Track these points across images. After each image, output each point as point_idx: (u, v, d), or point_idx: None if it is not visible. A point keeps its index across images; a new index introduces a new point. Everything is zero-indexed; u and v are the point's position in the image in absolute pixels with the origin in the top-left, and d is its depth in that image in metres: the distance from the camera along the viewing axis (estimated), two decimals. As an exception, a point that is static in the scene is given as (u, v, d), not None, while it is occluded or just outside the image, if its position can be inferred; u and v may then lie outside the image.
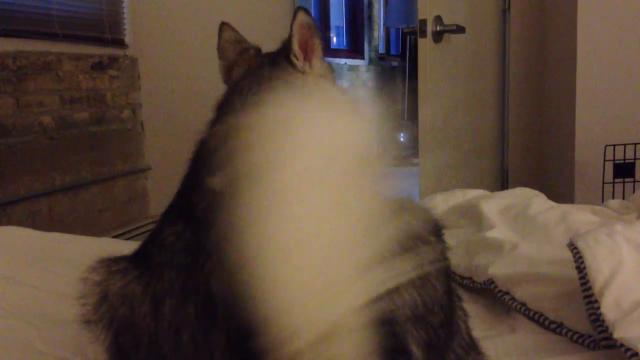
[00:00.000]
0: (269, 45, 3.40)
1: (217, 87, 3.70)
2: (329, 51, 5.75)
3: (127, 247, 1.51)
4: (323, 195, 0.57)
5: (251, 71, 1.01)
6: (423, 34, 2.23)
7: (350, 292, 0.58)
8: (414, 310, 0.70)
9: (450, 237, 1.27)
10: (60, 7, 2.61)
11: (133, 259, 0.77)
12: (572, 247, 0.86)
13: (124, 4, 3.01)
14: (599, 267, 0.82)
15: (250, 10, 3.00)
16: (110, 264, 0.77)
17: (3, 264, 1.26)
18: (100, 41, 2.85)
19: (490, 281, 1.04)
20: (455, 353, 0.75)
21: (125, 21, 3.02)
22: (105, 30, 2.88)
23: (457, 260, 1.17)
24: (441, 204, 1.54)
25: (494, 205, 1.35)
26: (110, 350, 0.72)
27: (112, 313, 0.72)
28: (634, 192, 2.26)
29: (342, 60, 5.90)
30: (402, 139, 6.42)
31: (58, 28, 2.58)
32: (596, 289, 0.80)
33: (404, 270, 0.66)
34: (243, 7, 3.01)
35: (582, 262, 0.83)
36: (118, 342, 0.71)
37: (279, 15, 2.96)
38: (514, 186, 2.48)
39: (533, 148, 2.89)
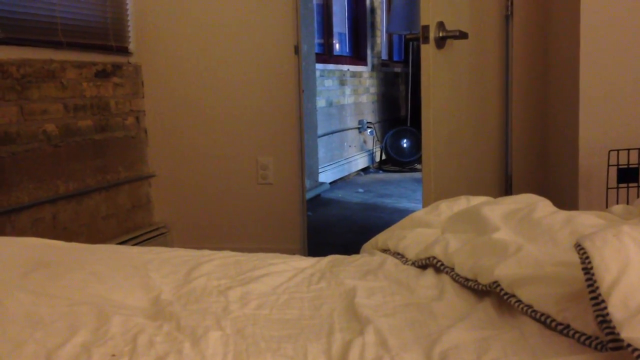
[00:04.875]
0: (272, 50, 3.43)
1: (219, 95, 3.74)
2: (332, 58, 5.77)
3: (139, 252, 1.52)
4: None
5: None
6: (426, 40, 2.24)
7: None
8: None
9: (455, 240, 1.28)
10: (64, 15, 2.63)
11: None
12: (579, 248, 0.86)
13: (128, 12, 3.02)
14: (607, 267, 0.81)
15: (253, 18, 3.01)
16: None
17: (22, 274, 1.26)
18: (105, 49, 2.86)
19: (496, 284, 1.04)
20: None
21: (129, 29, 3.03)
22: (110, 38, 2.89)
23: (462, 261, 1.18)
24: (446, 210, 1.55)
25: (498, 210, 1.36)
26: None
27: None
28: (638, 197, 2.26)
29: (345, 67, 5.92)
30: (405, 145, 6.42)
31: (62, 36, 2.60)
32: (603, 289, 0.80)
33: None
34: (246, 14, 3.03)
35: (589, 263, 0.83)
36: None
37: (282, 21, 2.97)
38: (518, 192, 2.48)
39: (536, 153, 2.89)
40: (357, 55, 6.44)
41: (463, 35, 2.34)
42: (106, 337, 0.97)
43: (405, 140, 6.49)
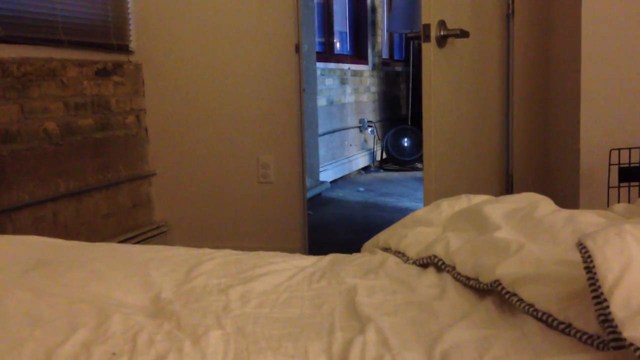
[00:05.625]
0: (273, 48, 3.44)
1: (220, 94, 3.74)
2: (332, 57, 5.76)
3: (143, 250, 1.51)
4: None
5: None
6: (427, 38, 2.23)
7: None
8: None
9: (456, 239, 1.28)
10: (65, 14, 2.62)
11: None
12: (581, 246, 0.86)
13: (129, 10, 3.02)
14: (609, 266, 0.81)
15: (254, 16, 3.01)
16: None
17: (22, 272, 1.25)
18: (105, 47, 2.86)
19: (497, 283, 1.04)
20: None
21: (130, 27, 3.03)
22: (110, 37, 2.89)
23: (463, 260, 1.17)
24: (447, 209, 1.55)
25: (499, 208, 1.35)
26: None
27: None
28: (639, 196, 2.25)
29: (346, 66, 5.92)
30: (406, 144, 6.42)
31: (62, 34, 2.59)
32: (605, 288, 0.80)
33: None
34: (247, 13, 3.02)
35: (592, 262, 0.83)
36: None
37: (283, 20, 2.97)
38: (519, 190, 2.48)
39: (537, 152, 2.88)
40: (357, 54, 6.43)
41: (464, 34, 2.34)
42: (106, 335, 0.96)
43: (406, 139, 6.48)
